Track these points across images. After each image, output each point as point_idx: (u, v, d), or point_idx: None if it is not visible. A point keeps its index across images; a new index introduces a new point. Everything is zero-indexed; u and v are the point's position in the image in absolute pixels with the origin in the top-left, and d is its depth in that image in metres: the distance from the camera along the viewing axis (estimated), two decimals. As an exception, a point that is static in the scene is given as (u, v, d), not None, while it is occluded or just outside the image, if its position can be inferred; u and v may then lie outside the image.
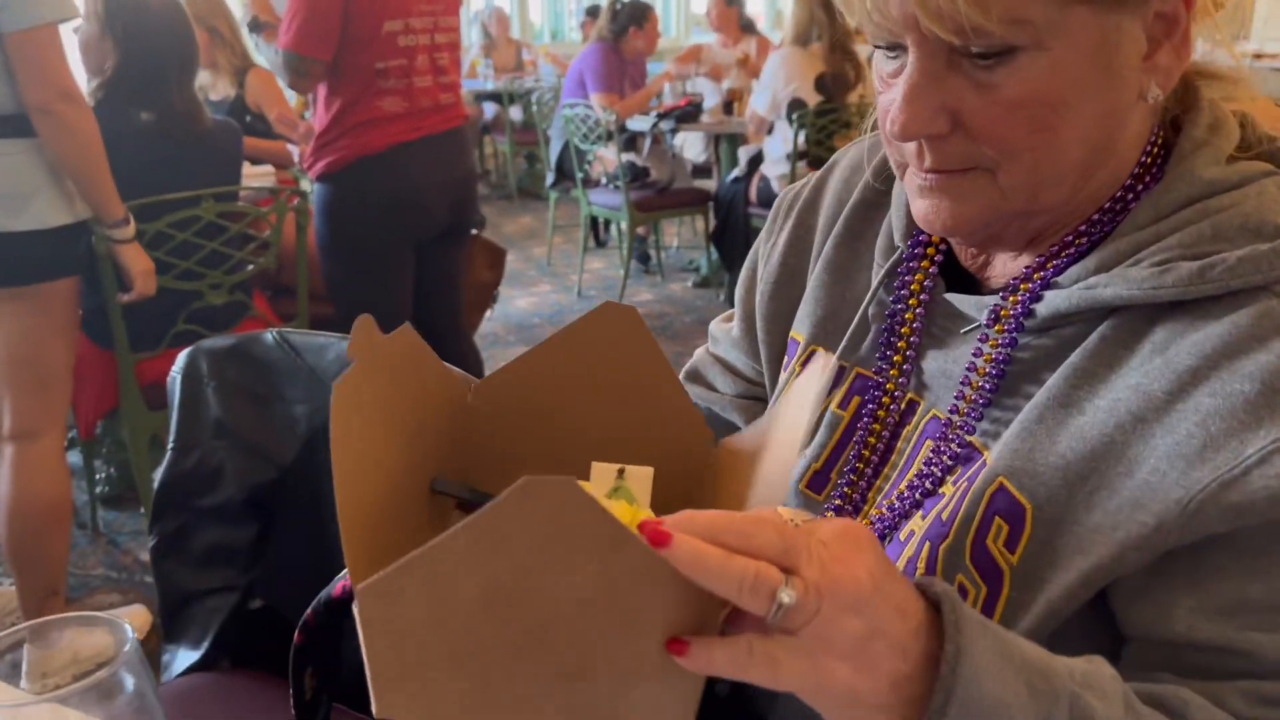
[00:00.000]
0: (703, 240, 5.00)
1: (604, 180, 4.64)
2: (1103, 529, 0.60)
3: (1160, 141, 0.69)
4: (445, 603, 0.46)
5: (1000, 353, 0.69)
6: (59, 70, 1.87)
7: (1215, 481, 0.57)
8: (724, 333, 0.98)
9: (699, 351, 1.02)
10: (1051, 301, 0.67)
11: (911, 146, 0.67)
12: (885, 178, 0.83)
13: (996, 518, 0.64)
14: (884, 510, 0.73)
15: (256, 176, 2.91)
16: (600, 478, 0.60)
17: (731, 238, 4.31)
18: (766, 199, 4.19)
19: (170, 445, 1.24)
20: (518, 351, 1.05)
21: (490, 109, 7.34)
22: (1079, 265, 0.67)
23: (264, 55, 2.41)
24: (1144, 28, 0.62)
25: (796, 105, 3.95)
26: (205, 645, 1.25)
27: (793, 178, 4.00)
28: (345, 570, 0.78)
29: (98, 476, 2.79)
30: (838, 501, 0.76)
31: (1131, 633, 0.63)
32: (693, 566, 0.45)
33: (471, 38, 7.99)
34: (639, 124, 4.75)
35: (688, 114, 4.63)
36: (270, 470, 1.21)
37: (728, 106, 4.77)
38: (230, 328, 2.40)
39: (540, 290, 5.06)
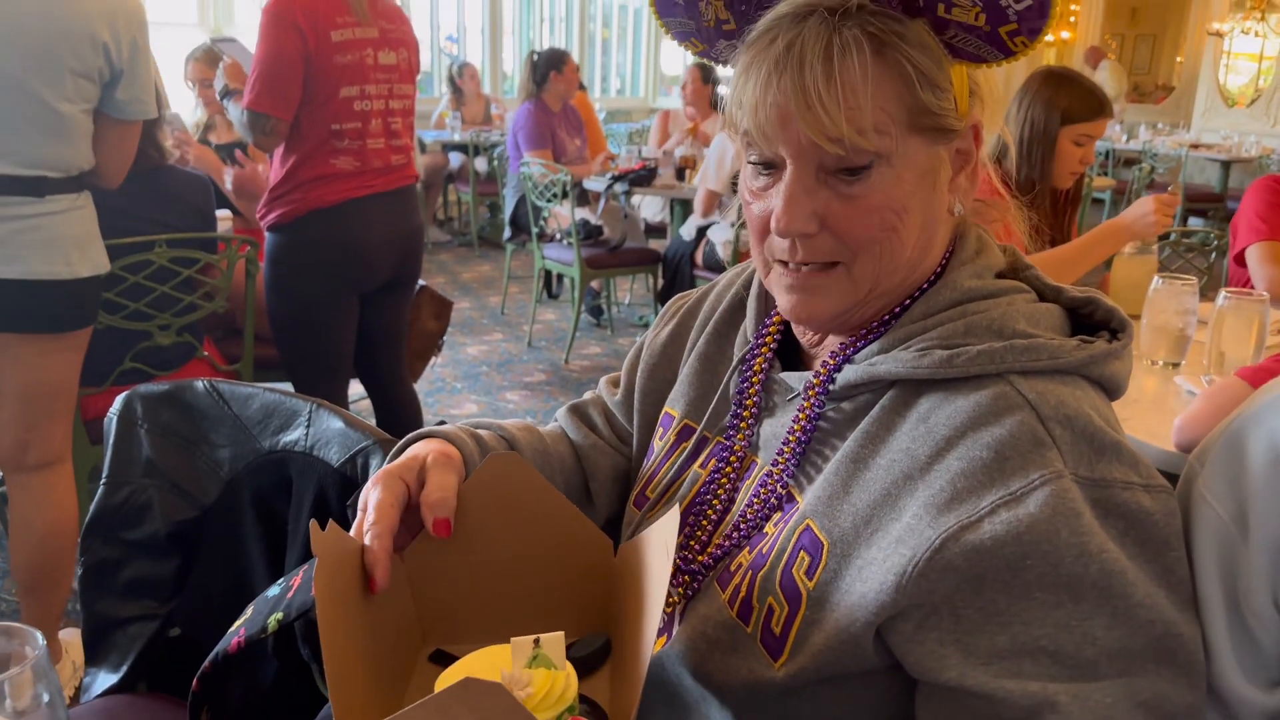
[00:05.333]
0: (654, 297, 5.17)
1: (558, 236, 4.80)
2: (876, 561, 0.75)
3: (950, 253, 0.87)
4: None
5: (810, 415, 0.85)
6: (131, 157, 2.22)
7: (957, 525, 0.71)
8: (609, 394, 1.15)
9: (590, 394, 1.18)
10: (845, 375, 0.84)
11: (785, 244, 0.82)
12: (744, 283, 1.03)
13: (801, 551, 0.80)
14: (719, 545, 0.88)
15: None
16: (519, 650, 0.71)
17: (678, 298, 4.47)
18: (711, 263, 4.37)
19: (103, 481, 1.35)
20: (465, 400, 1.20)
21: (456, 159, 7.50)
22: (869, 347, 0.84)
23: (233, 116, 2.56)
24: (950, 158, 0.81)
25: (742, 176, 4.12)
26: (124, 669, 1.35)
27: (736, 245, 4.18)
28: (239, 626, 0.91)
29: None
30: (692, 541, 0.91)
31: (916, 677, 0.77)
32: None
33: (440, 89, 8.17)
34: (595, 184, 4.93)
35: (642, 177, 4.81)
36: (193, 509, 1.32)
37: (680, 173, 4.96)
38: (176, 368, 2.50)
39: (492, 339, 5.18)
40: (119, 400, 1.35)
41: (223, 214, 3.17)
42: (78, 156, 2.07)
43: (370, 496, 0.80)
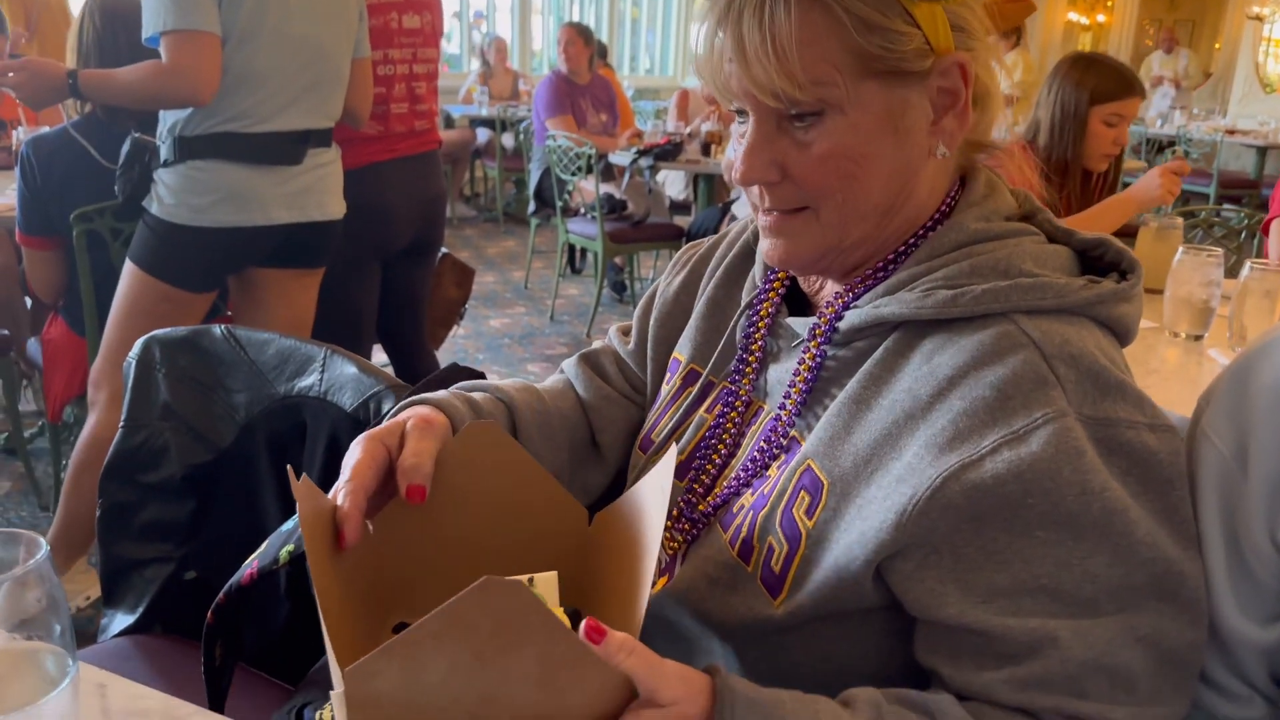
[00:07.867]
0: (676, 274, 5.16)
1: (583, 210, 4.80)
2: (876, 499, 0.75)
3: (957, 195, 0.86)
4: (416, 678, 0.56)
5: (815, 360, 0.85)
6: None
7: (959, 463, 0.71)
8: (620, 343, 1.14)
9: (601, 343, 1.17)
10: (849, 318, 0.83)
11: (755, 191, 0.83)
12: (754, 232, 1.02)
13: (802, 491, 0.80)
14: (723, 489, 0.88)
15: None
16: None
17: (700, 273, 4.46)
18: (735, 238, 4.37)
19: (121, 424, 1.36)
20: (487, 371, 1.16)
21: (484, 134, 7.51)
22: (873, 291, 0.83)
23: None
24: (929, 98, 0.79)
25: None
26: (140, 610, 1.37)
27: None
28: (253, 559, 0.92)
29: (64, 462, 2.90)
30: (696, 485, 0.92)
31: (915, 615, 0.77)
32: (615, 655, 0.61)
33: (470, 65, 8.17)
34: (620, 159, 4.92)
35: (666, 152, 4.80)
36: (209, 452, 1.34)
37: (705, 148, 4.94)
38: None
39: (514, 312, 5.19)
40: (138, 345, 1.36)
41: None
42: (341, 103, 2.30)
43: (349, 458, 0.80)
